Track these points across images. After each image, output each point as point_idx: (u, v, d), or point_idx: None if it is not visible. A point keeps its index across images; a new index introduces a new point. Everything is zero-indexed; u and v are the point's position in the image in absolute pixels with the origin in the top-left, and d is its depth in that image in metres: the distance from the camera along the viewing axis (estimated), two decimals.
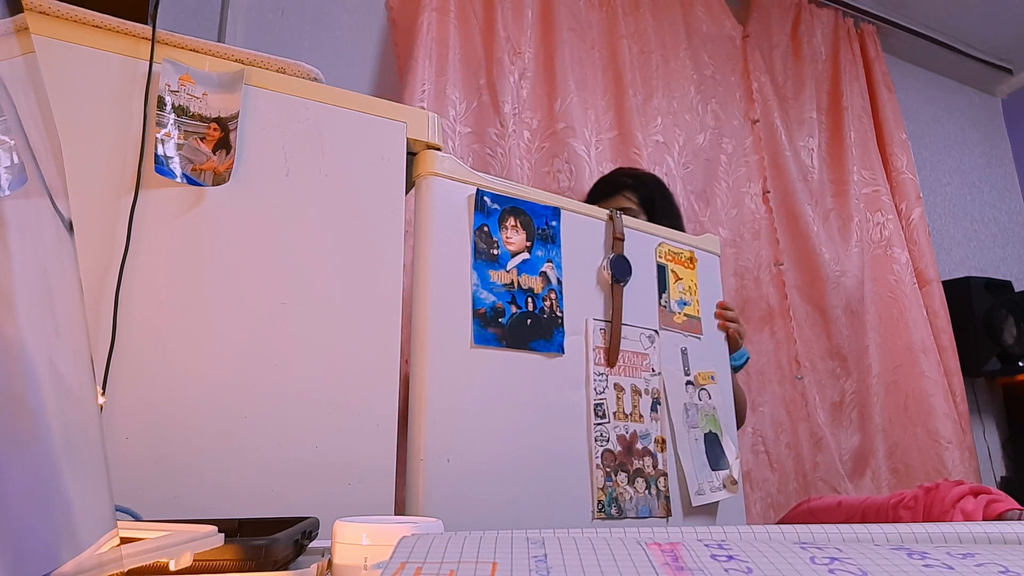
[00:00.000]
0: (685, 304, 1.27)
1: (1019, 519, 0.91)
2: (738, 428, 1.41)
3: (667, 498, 1.12)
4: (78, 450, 0.35)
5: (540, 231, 1.13)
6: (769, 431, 1.93)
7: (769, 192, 2.18)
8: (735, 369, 1.42)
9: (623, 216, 1.22)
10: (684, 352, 1.25)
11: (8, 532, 0.27)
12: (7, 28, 0.34)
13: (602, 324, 1.14)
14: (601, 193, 1.58)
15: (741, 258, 2.06)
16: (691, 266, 1.31)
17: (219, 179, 0.89)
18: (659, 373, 1.18)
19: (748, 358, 1.49)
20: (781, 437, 1.94)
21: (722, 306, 1.35)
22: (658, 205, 1.54)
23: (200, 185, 0.88)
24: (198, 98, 0.90)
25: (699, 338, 1.29)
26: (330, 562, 0.51)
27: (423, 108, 1.57)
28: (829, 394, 2.09)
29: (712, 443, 1.22)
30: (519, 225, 1.11)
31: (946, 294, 2.37)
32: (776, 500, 1.84)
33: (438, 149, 1.09)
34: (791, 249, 2.16)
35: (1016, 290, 2.63)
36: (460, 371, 1.00)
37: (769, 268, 2.09)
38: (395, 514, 0.93)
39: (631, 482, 1.09)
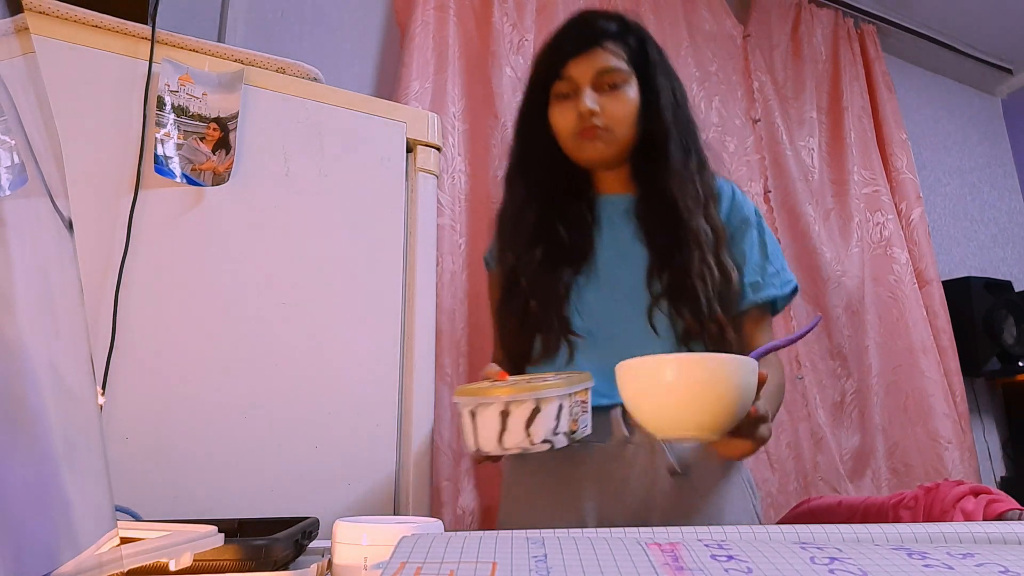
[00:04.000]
0: None
1: (1019, 519, 0.91)
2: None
3: None
4: (78, 450, 0.35)
5: None
6: None
7: (770, 192, 2.18)
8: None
9: None
10: None
11: (8, 532, 0.27)
12: (7, 28, 0.34)
13: None
14: (567, 48, 0.97)
15: None
16: None
17: (219, 179, 0.89)
18: None
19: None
20: (782, 437, 1.94)
21: None
22: (655, 65, 0.99)
23: (200, 185, 0.88)
24: (198, 98, 0.90)
25: None
26: (330, 562, 0.51)
27: (417, 106, 1.58)
28: (830, 394, 2.09)
29: None
30: None
31: (946, 294, 2.37)
32: (776, 500, 1.84)
33: (438, 149, 1.09)
34: (792, 249, 2.15)
35: (1016, 290, 2.62)
36: None
37: None
38: (394, 514, 0.93)
39: None
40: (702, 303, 0.89)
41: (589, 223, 0.99)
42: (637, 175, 0.99)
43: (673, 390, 0.64)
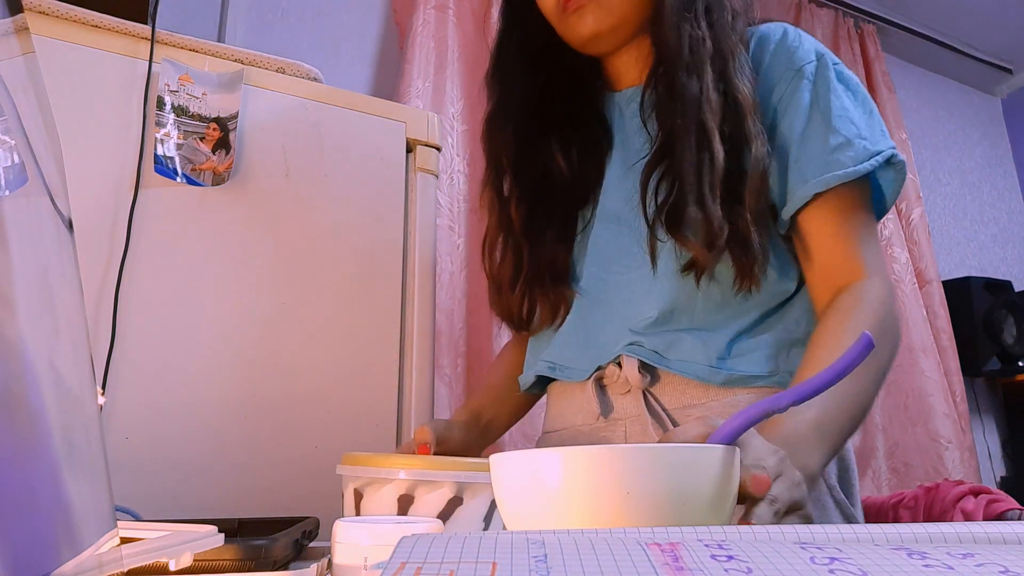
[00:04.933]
0: None
1: (1019, 519, 0.91)
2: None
3: None
4: (78, 450, 0.35)
5: None
6: None
7: None
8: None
9: None
10: None
11: (8, 532, 0.27)
12: (7, 28, 0.34)
13: None
14: None
15: None
16: None
17: (218, 179, 0.89)
18: None
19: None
20: None
21: None
22: None
23: (200, 185, 0.88)
24: (197, 98, 0.90)
25: None
26: (330, 562, 0.51)
27: (419, 105, 1.58)
28: None
29: None
30: None
31: (946, 294, 2.37)
32: None
33: (437, 149, 1.09)
34: None
35: (1016, 290, 2.63)
36: None
37: None
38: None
39: None
40: (693, 214, 0.61)
41: (596, 143, 0.76)
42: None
43: (565, 511, 0.35)
